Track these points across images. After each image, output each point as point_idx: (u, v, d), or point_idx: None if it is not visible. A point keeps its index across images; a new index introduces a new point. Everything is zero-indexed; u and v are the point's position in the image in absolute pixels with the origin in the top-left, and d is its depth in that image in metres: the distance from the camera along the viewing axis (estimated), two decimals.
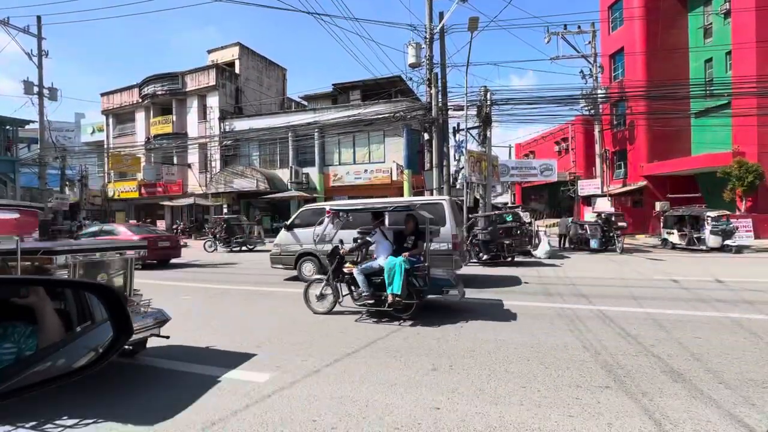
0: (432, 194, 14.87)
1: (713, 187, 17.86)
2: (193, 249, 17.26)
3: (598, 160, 21.37)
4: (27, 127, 25.11)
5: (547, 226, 21.48)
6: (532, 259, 12.19)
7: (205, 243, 17.40)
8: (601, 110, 21.44)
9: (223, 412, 2.76)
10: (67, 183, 25.82)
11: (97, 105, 29.80)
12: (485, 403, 2.85)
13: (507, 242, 11.09)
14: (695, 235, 13.97)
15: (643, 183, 20.94)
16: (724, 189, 16.59)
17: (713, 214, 13.60)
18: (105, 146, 28.04)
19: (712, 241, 13.24)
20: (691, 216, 14.44)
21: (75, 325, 0.95)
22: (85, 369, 0.90)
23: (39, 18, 21.71)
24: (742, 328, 4.64)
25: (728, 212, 14.44)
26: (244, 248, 16.64)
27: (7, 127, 23.72)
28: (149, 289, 7.81)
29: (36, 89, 21.85)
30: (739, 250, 13.02)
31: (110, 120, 28.67)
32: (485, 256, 11.01)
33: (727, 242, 13.14)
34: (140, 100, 26.48)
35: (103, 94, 28.73)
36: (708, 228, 13.41)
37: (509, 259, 11.30)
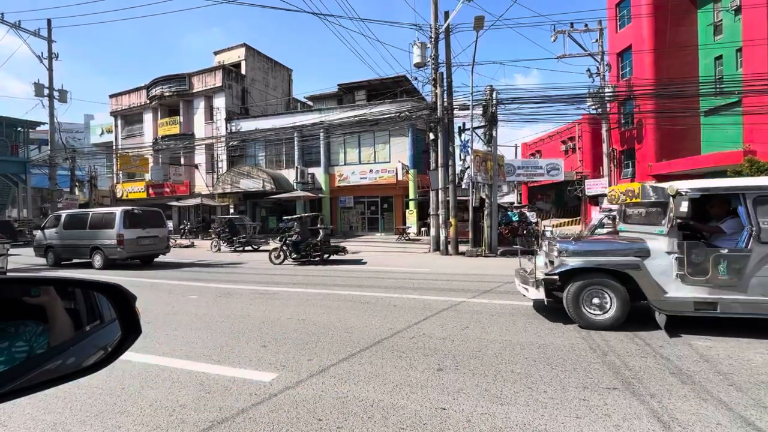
0: (438, 194, 14.84)
1: None
2: (200, 249, 17.41)
3: (605, 160, 21.18)
4: (38, 128, 25.56)
5: (554, 225, 21.33)
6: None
7: (211, 243, 17.56)
8: (608, 109, 21.23)
9: (229, 411, 2.78)
10: (77, 183, 26.19)
11: (105, 106, 30.23)
12: (491, 404, 2.85)
13: (315, 242, 11.87)
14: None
15: (651, 182, 20.72)
16: None
17: None
18: (114, 147, 28.37)
19: None
20: None
21: (84, 324, 0.97)
22: (94, 367, 0.91)
23: (49, 21, 22.05)
24: (753, 331, 4.56)
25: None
26: (247, 248, 16.74)
27: (19, 128, 24.12)
28: (158, 289, 7.92)
29: (46, 91, 22.19)
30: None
31: (119, 121, 29.00)
32: (295, 256, 11.77)
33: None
34: (148, 102, 26.75)
35: (111, 96, 29.07)
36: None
37: (317, 258, 11.89)
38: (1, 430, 2.58)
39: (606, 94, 20.13)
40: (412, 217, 20.36)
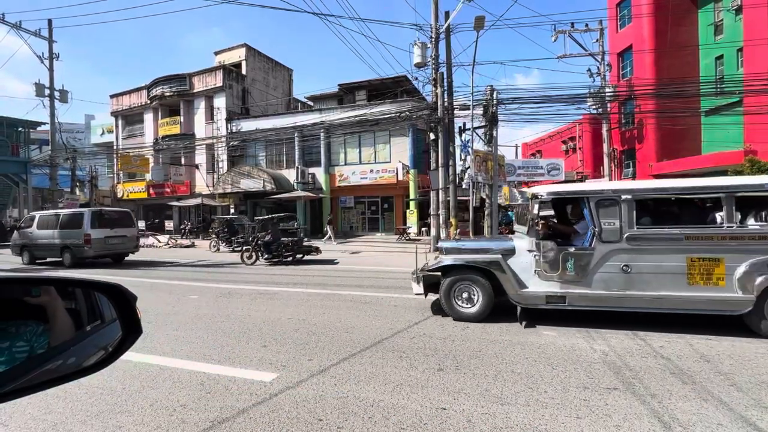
0: (438, 194, 14.83)
1: None
2: (201, 249, 17.43)
3: (606, 160, 21.16)
4: (38, 128, 25.57)
5: None
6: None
7: (210, 243, 17.60)
8: (609, 109, 21.21)
9: (230, 411, 2.78)
10: (78, 184, 26.20)
11: (106, 106, 30.24)
12: (492, 404, 2.84)
13: (286, 242, 11.95)
14: None
15: None
16: None
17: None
18: (114, 147, 28.39)
19: None
20: None
21: (85, 324, 0.97)
22: (94, 367, 0.91)
23: (50, 21, 22.06)
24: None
25: None
26: (246, 247, 16.76)
27: (20, 128, 24.14)
28: (159, 289, 7.92)
29: (47, 91, 22.20)
30: None
31: (119, 121, 29.02)
32: (267, 256, 11.84)
33: None
34: (148, 102, 26.77)
35: (112, 96, 29.10)
36: None
37: (290, 258, 11.94)
38: (2, 430, 2.59)
39: (606, 94, 20.12)
40: (412, 217, 20.34)
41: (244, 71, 25.97)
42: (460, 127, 15.26)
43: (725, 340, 4.19)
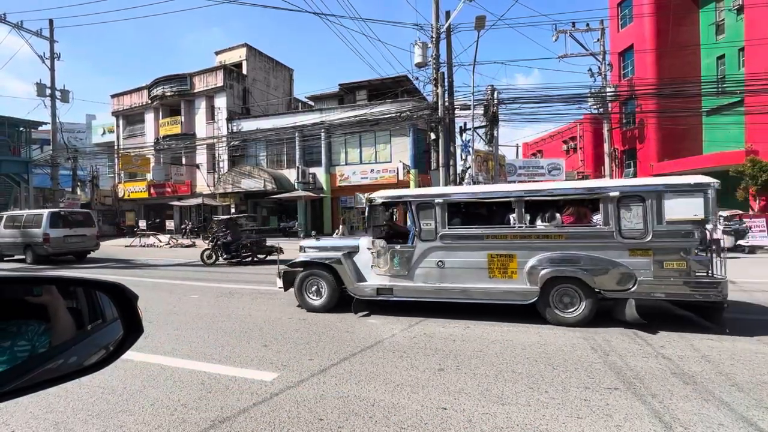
0: None
1: (726, 187, 17.54)
2: (201, 249, 17.42)
3: (606, 159, 21.13)
4: (40, 128, 25.58)
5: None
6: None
7: (207, 242, 17.67)
8: (610, 108, 21.18)
9: (231, 410, 2.79)
10: (79, 183, 26.23)
11: (107, 106, 30.28)
12: (492, 404, 2.84)
13: (245, 243, 12.02)
14: None
15: None
16: (736, 188, 16.28)
17: (725, 213, 13.37)
18: (115, 147, 28.42)
19: (725, 241, 13.00)
20: None
21: (86, 323, 0.97)
22: (96, 366, 0.92)
23: (51, 21, 22.08)
24: (756, 330, 4.55)
25: (741, 212, 14.18)
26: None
27: (21, 128, 24.17)
28: (159, 288, 7.93)
29: (48, 91, 22.23)
30: (753, 250, 12.78)
31: (120, 121, 29.05)
32: (226, 256, 11.91)
33: (740, 242, 12.90)
34: (149, 101, 26.79)
35: (113, 96, 29.13)
36: (720, 228, 13.16)
37: (249, 258, 12.01)
38: (4, 429, 2.59)
39: (607, 94, 20.09)
40: None
41: (244, 71, 25.99)
42: (460, 127, 15.26)
43: (726, 341, 4.18)
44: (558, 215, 5.16)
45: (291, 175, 22.41)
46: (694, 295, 4.45)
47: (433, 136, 15.20)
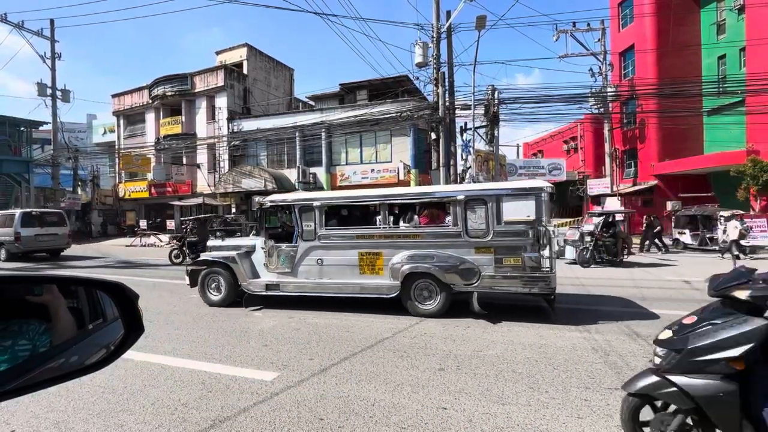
0: None
1: (726, 187, 17.52)
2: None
3: (607, 159, 21.10)
4: (41, 128, 25.60)
5: (556, 226, 21.25)
6: None
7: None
8: (610, 108, 21.15)
9: (231, 410, 2.79)
10: (80, 183, 26.27)
11: (108, 106, 30.30)
12: (493, 404, 2.84)
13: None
14: (708, 235, 13.73)
15: (653, 182, 20.63)
16: (737, 188, 16.26)
17: (726, 213, 13.35)
18: (116, 147, 28.44)
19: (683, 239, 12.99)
20: (704, 216, 14.18)
21: (87, 322, 0.97)
22: (96, 366, 0.92)
23: (52, 21, 22.13)
24: None
25: (742, 212, 14.15)
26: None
27: (22, 128, 24.20)
28: (160, 288, 7.94)
29: (49, 91, 22.27)
30: (754, 250, 12.76)
31: (121, 121, 29.07)
32: (193, 256, 11.88)
33: (741, 243, 12.89)
34: (150, 101, 26.80)
35: (114, 96, 29.14)
36: (721, 228, 13.17)
37: None
38: (5, 428, 2.60)
39: (608, 94, 20.07)
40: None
41: (245, 71, 25.99)
42: (461, 127, 15.25)
43: None
44: (416, 217, 5.70)
45: (291, 175, 22.41)
46: (527, 288, 4.99)
47: (433, 135, 15.20)
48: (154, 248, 18.65)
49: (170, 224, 25.02)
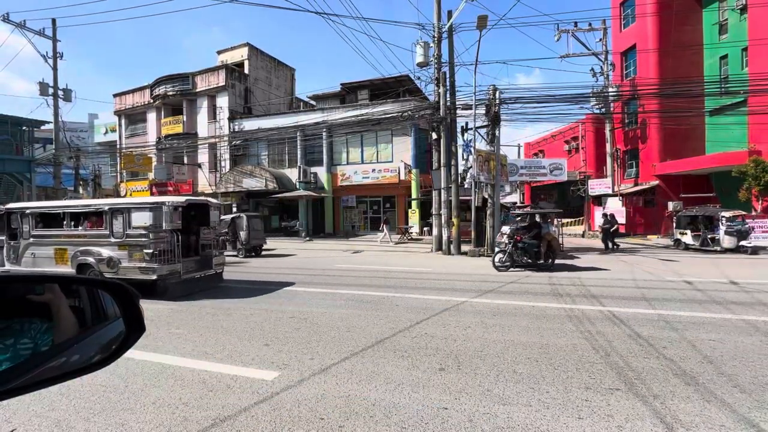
0: (440, 193, 14.82)
1: (728, 187, 17.48)
2: None
3: (608, 160, 21.07)
4: (42, 127, 25.64)
5: (557, 226, 21.19)
6: None
7: None
8: (612, 108, 21.10)
9: (232, 409, 2.79)
10: (81, 182, 26.27)
11: (110, 106, 30.31)
12: (493, 404, 2.84)
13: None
14: (709, 236, 13.70)
15: (655, 182, 20.59)
16: (739, 188, 16.21)
17: (728, 214, 13.31)
18: (117, 146, 28.50)
19: (727, 241, 12.98)
20: (705, 216, 14.14)
21: (89, 322, 0.97)
22: (98, 365, 0.92)
23: (54, 21, 22.15)
24: (758, 331, 4.54)
25: (744, 212, 14.11)
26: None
27: (24, 127, 24.24)
28: None
29: (51, 90, 22.30)
30: (755, 251, 12.72)
31: (122, 120, 29.13)
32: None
33: (743, 243, 12.85)
34: (151, 101, 26.85)
35: (115, 95, 29.21)
36: (722, 228, 13.13)
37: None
38: (6, 427, 2.60)
39: (610, 94, 20.03)
40: (414, 217, 20.31)
41: (246, 70, 26.01)
42: (462, 127, 15.21)
43: (729, 342, 4.17)
44: (86, 222, 7.41)
45: (293, 174, 22.43)
46: (144, 275, 6.67)
47: (434, 135, 15.18)
48: None
49: None
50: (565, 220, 25.72)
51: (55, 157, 23.32)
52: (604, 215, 15.43)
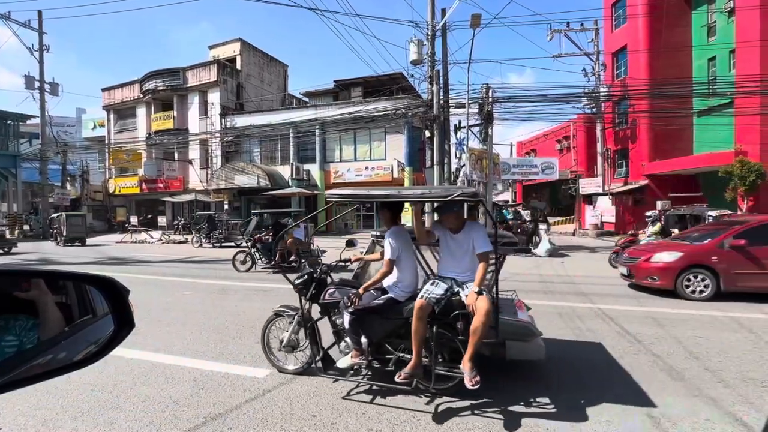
0: None
1: (715, 187, 17.81)
2: (191, 246, 17.33)
3: (599, 159, 21.31)
4: (28, 122, 25.12)
5: (549, 225, 21.41)
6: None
7: (192, 238, 17.89)
8: (603, 108, 21.34)
9: (223, 407, 2.77)
10: (69, 178, 25.84)
11: (98, 100, 29.81)
12: (487, 404, 2.86)
13: None
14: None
15: (644, 182, 20.89)
16: (725, 188, 16.53)
17: (714, 213, 13.55)
18: (106, 141, 28.01)
19: None
20: (692, 215, 14.39)
21: (76, 318, 0.95)
22: (85, 362, 0.90)
23: (40, 13, 21.69)
24: (743, 327, 4.64)
25: (730, 212, 14.39)
26: (225, 243, 16.82)
27: (9, 121, 23.71)
28: (152, 284, 7.85)
29: (37, 84, 21.85)
30: None
31: (111, 115, 28.62)
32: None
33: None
34: (141, 96, 26.42)
35: (104, 90, 28.67)
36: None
37: None
38: None
39: (601, 94, 20.24)
40: (407, 215, 20.32)
41: (238, 66, 25.73)
42: (455, 125, 15.28)
43: (714, 338, 4.26)
44: None
45: (285, 171, 22.29)
46: None
47: (428, 133, 15.21)
48: (145, 245, 18.44)
49: (161, 221, 24.77)
50: (556, 219, 26.01)
51: (42, 152, 22.87)
52: (532, 213, 14.67)
